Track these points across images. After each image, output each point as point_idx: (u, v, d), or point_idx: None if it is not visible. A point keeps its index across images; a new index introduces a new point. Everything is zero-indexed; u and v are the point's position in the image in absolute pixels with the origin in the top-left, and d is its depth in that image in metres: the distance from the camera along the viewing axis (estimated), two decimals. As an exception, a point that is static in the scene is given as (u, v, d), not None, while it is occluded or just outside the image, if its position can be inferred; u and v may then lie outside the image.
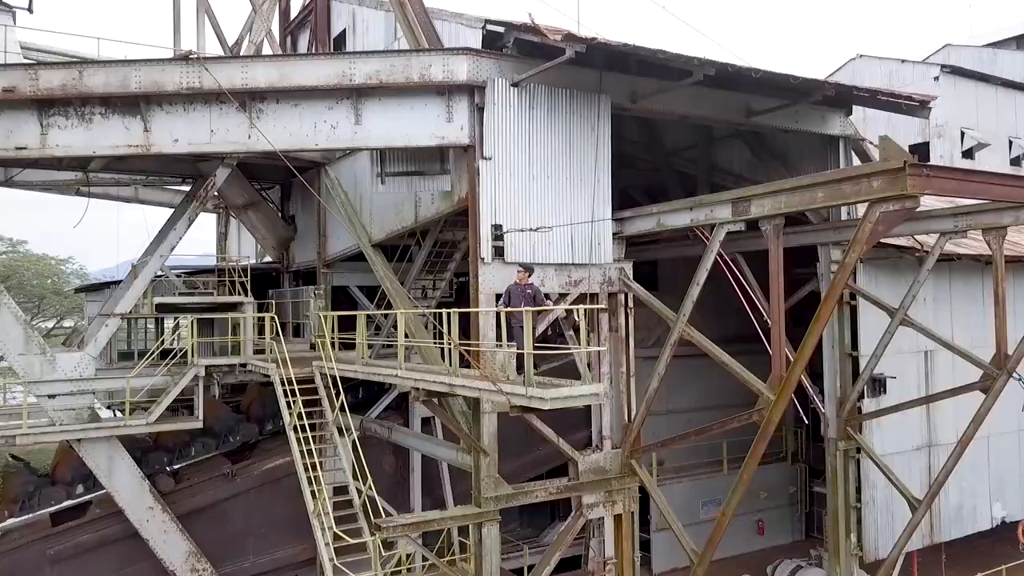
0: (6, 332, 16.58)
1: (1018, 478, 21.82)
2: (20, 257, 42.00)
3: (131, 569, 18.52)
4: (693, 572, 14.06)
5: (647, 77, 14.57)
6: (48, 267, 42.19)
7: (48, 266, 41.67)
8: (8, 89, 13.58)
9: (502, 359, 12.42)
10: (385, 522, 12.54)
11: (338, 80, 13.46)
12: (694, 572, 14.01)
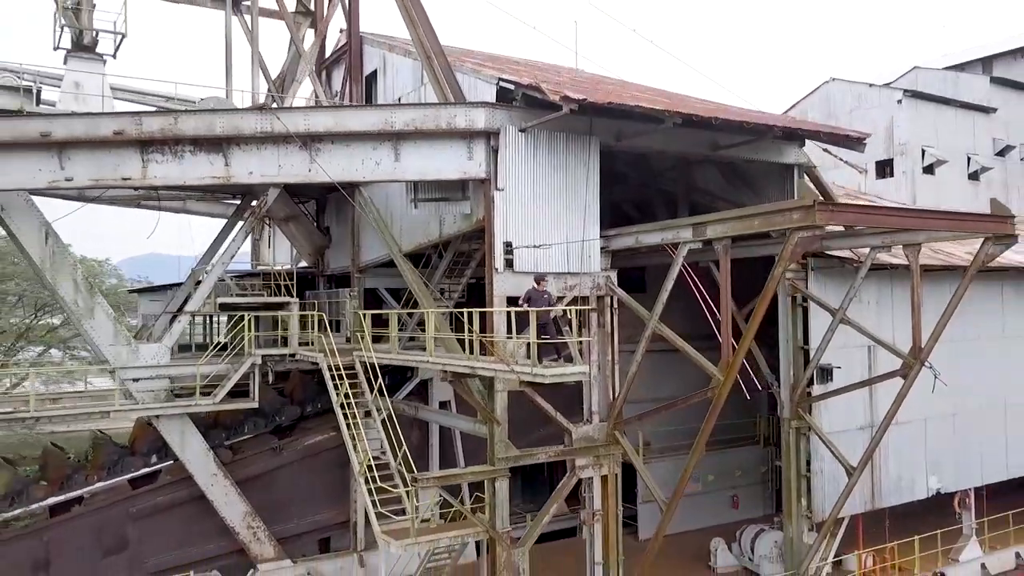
0: (100, 327, 20.09)
1: (952, 455, 25.28)
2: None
3: (197, 527, 22.02)
4: (664, 516, 17.52)
5: (629, 121, 18.01)
6: (90, 268, 45.39)
7: (90, 267, 44.93)
8: (118, 132, 17.08)
9: (512, 347, 15.94)
10: (421, 475, 16.06)
11: (381, 126, 16.97)
12: (664, 516, 17.47)
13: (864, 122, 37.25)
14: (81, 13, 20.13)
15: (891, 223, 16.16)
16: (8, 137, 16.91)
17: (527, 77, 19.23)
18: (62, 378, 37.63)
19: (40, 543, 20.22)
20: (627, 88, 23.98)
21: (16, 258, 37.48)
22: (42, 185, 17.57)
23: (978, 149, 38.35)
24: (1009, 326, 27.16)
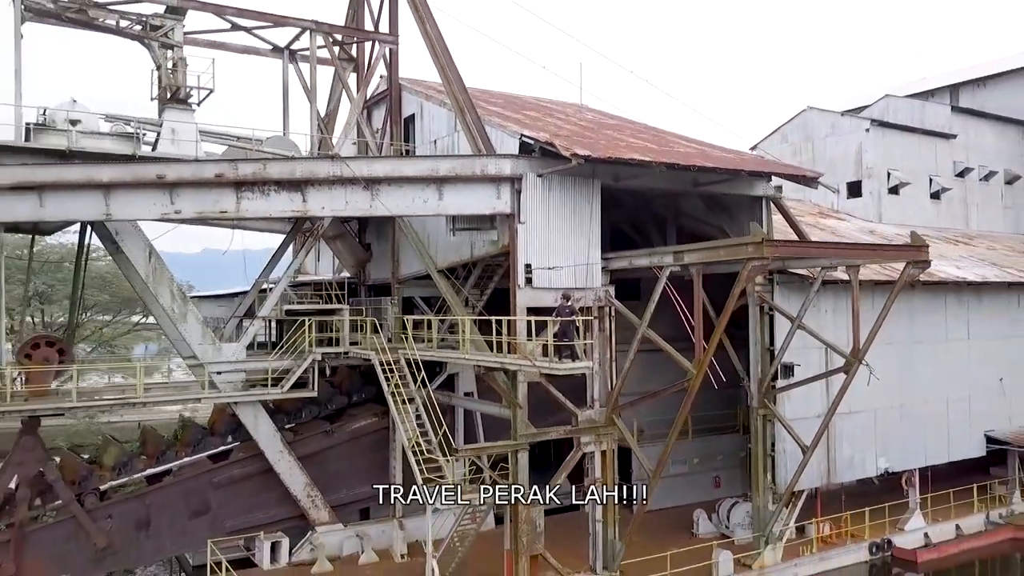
0: (191, 329, 24.62)
1: (899, 440, 29.76)
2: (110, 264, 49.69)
3: (266, 495, 26.51)
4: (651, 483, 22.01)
5: (624, 167, 22.46)
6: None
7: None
8: (218, 175, 21.55)
9: (531, 347, 20.43)
10: (460, 448, 20.54)
11: (429, 172, 21.47)
12: (651, 483, 21.96)
13: (837, 146, 41.87)
14: (177, 72, 24.55)
15: (823, 254, 20.70)
16: (130, 178, 21.39)
17: (542, 124, 23.77)
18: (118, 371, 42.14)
19: (142, 505, 24.71)
20: (624, 130, 28.46)
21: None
22: (155, 217, 22.04)
23: (939, 171, 42.85)
24: (951, 332, 31.67)
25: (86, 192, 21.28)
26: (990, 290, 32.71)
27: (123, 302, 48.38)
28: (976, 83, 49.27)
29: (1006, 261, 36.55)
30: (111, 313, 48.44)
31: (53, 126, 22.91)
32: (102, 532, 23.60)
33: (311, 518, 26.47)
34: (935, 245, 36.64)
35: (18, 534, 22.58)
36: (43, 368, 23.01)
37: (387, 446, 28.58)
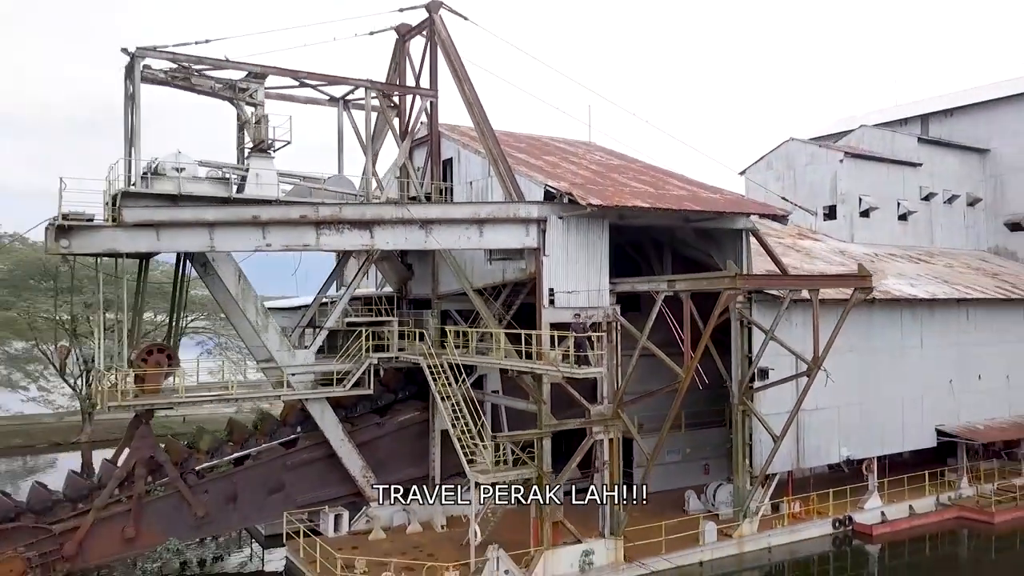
0: (271, 338, 29.96)
1: (859, 432, 35.08)
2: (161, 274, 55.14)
3: (329, 476, 31.80)
4: (648, 466, 27.37)
5: (628, 208, 27.79)
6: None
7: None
8: (303, 216, 26.86)
9: (554, 355, 25.78)
10: (498, 434, 25.91)
11: (472, 215, 26.84)
12: (648, 466, 27.33)
13: (815, 174, 47.23)
14: (261, 127, 29.78)
15: (786, 284, 26.09)
16: (231, 219, 26.71)
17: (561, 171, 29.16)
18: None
19: (230, 483, 30.06)
20: (628, 172, 33.84)
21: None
22: (249, 248, 27.36)
23: (907, 195, 48.23)
24: (906, 341, 37.03)
25: (194, 229, 26.59)
26: (941, 305, 38.07)
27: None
28: (944, 113, 54.59)
29: (958, 278, 41.91)
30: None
31: (164, 173, 28.18)
32: (201, 504, 28.97)
33: (366, 495, 31.82)
34: (898, 263, 42.14)
35: (136, 504, 27.93)
36: (157, 371, 28.36)
37: (427, 436, 33.97)
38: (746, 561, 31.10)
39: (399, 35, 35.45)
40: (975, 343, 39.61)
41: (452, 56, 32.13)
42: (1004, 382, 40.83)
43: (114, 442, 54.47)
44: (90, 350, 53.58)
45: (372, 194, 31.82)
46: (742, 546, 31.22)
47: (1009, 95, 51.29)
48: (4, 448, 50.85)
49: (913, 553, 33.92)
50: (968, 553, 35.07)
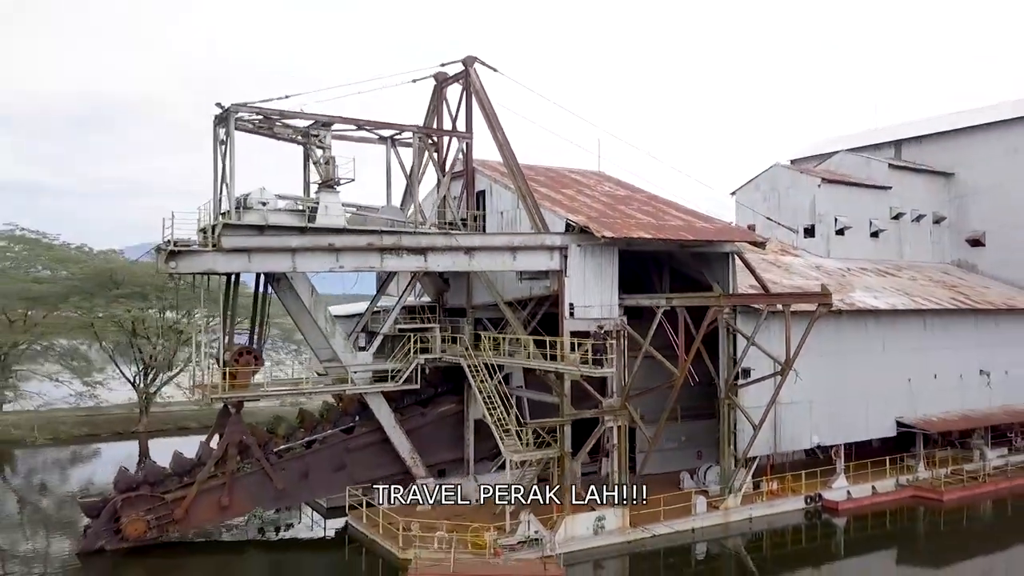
0: (338, 343, 36.13)
1: (828, 422, 41.27)
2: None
3: (382, 457, 37.94)
4: (648, 450, 33.62)
5: (635, 239, 33.99)
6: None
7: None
8: (369, 243, 33.06)
9: (574, 357, 31.99)
10: (530, 421, 32.16)
11: (507, 244, 33.07)
12: (649, 450, 33.58)
13: (797, 196, 53.44)
14: (330, 167, 35.86)
15: (763, 301, 32.30)
16: (310, 245, 32.88)
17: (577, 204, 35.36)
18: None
19: (303, 463, 36.27)
20: (632, 203, 40.06)
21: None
22: (324, 270, 33.57)
23: (878, 215, 54.46)
24: (871, 346, 43.24)
25: (280, 254, 32.84)
26: (901, 315, 44.29)
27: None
28: (915, 139, 60.80)
29: (919, 291, 48.14)
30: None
31: (251, 207, 34.30)
32: (280, 479, 35.19)
33: (414, 473, 37.96)
34: (866, 277, 48.39)
35: (230, 479, 34.13)
36: (248, 369, 34.56)
37: (462, 424, 40.18)
38: (731, 529, 37.30)
39: (437, 82, 41.53)
40: (931, 347, 45.86)
41: (485, 104, 38.32)
42: (958, 381, 47.09)
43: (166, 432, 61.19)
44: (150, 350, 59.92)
45: (418, 221, 37.99)
46: (727, 517, 37.41)
47: (970, 126, 57.54)
48: (78, 436, 56.88)
49: (874, 526, 40.02)
50: (921, 526, 41.23)
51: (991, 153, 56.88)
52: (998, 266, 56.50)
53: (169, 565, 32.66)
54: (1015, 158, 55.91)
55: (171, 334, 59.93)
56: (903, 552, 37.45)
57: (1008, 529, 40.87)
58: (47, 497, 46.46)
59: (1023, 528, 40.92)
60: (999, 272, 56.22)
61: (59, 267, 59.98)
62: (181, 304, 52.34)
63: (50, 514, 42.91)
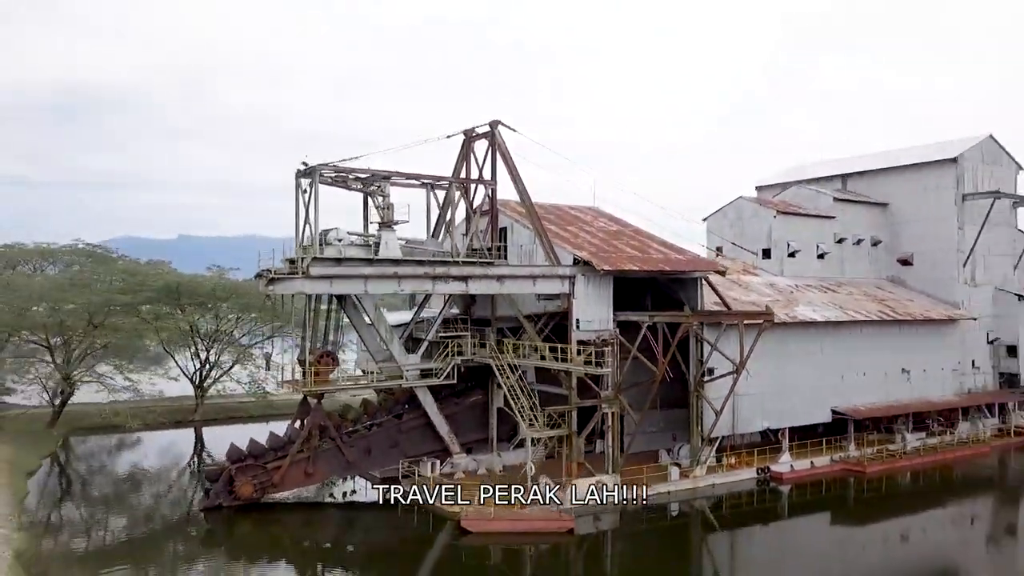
0: (395, 346, 46.44)
1: (777, 410, 52.20)
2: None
3: (426, 437, 48.25)
4: (634, 433, 44.37)
5: (626, 270, 44.59)
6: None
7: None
8: (425, 272, 43.38)
9: (580, 359, 42.62)
10: (548, 408, 42.77)
11: (528, 273, 43.67)
12: (634, 433, 44.33)
13: (757, 224, 64.35)
14: (389, 211, 46.00)
15: (722, 319, 43.12)
16: (379, 274, 43.12)
17: (581, 240, 46.01)
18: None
19: (367, 441, 46.56)
20: (622, 238, 50.70)
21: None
22: (388, 293, 43.93)
23: (824, 240, 65.52)
24: (811, 350, 54.21)
25: (355, 280, 43.03)
26: (836, 326, 55.30)
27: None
28: (857, 175, 71.97)
29: (852, 305, 59.21)
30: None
31: (330, 242, 44.39)
32: (351, 454, 45.45)
33: (451, 450, 48.35)
34: (811, 293, 59.38)
35: (313, 454, 44.33)
36: (328, 368, 44.79)
37: (487, 411, 50.67)
38: (698, 493, 48.02)
39: (466, 137, 51.71)
40: (862, 350, 56.97)
41: (508, 159, 48.70)
42: (883, 377, 58.25)
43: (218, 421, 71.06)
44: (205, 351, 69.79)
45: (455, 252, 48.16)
46: (695, 483, 48.15)
47: (898, 165, 68.85)
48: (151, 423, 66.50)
49: (811, 493, 50.86)
50: (849, 493, 52.19)
51: (914, 188, 68.17)
52: (923, 282, 67.82)
53: (269, 519, 42.85)
54: (930, 194, 67.29)
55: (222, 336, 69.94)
56: (834, 513, 48.27)
57: (919, 495, 51.87)
58: (165, 470, 56.39)
59: (931, 494, 51.95)
60: (924, 286, 67.54)
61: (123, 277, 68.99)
62: (243, 314, 62.56)
63: (172, 482, 53.03)
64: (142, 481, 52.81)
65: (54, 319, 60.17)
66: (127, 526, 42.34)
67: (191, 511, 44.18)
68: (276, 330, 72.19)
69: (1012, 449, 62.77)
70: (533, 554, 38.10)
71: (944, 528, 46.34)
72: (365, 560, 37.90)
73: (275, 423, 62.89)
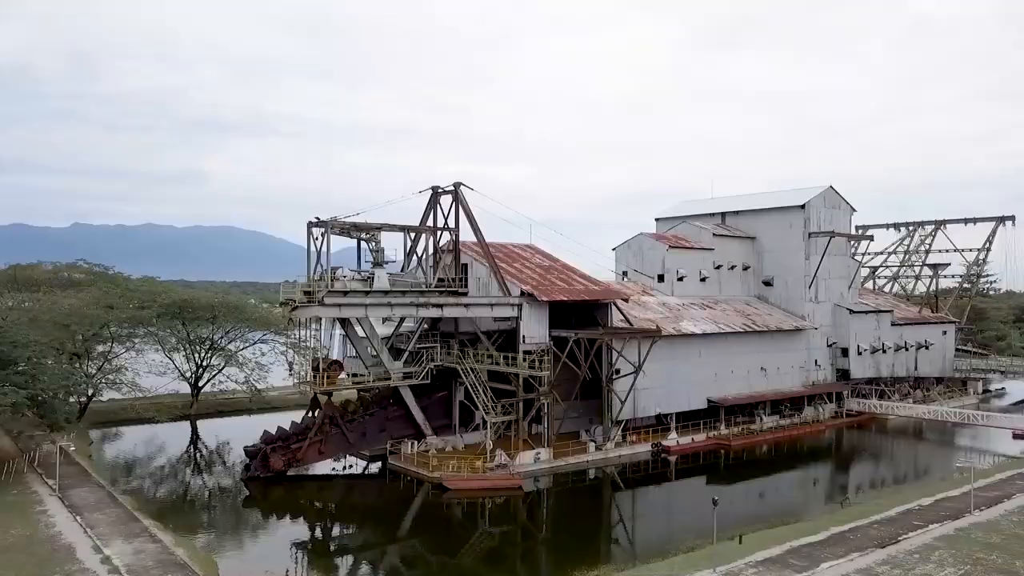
0: (385, 356, 61.66)
1: (667, 399, 70.04)
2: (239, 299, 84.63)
3: (407, 424, 63.58)
4: (562, 418, 61.29)
5: (558, 300, 61.19)
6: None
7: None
8: (411, 301, 58.86)
9: (525, 364, 59.04)
10: (501, 400, 59.01)
11: (488, 302, 59.82)
12: (563, 418, 61.24)
13: (653, 255, 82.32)
14: (380, 254, 60.95)
15: (626, 334, 60.30)
16: (376, 302, 58.36)
17: (525, 275, 62.42)
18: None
19: (362, 426, 61.56)
20: (552, 271, 67.37)
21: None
22: (383, 316, 59.28)
23: (705, 267, 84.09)
24: (691, 355, 72.32)
25: (357, 307, 58.17)
26: (710, 336, 73.58)
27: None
28: (733, 213, 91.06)
29: (724, 319, 77.76)
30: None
31: (338, 278, 59.22)
32: (352, 436, 60.46)
33: (425, 433, 63.88)
34: (693, 310, 77.73)
35: (324, 436, 59.14)
36: (336, 374, 59.64)
37: (450, 404, 66.49)
38: (608, 462, 65.07)
39: (433, 192, 67.14)
40: (731, 353, 75.56)
41: (468, 213, 64.43)
42: (746, 374, 77.07)
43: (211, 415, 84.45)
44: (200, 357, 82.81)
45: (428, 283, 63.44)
46: (607, 455, 65.21)
47: (765, 208, 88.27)
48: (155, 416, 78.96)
49: (692, 460, 68.79)
50: (720, 461, 70.42)
51: (774, 226, 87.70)
52: (780, 299, 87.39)
53: (294, 486, 57.48)
54: (786, 231, 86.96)
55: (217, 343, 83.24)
56: (709, 476, 66.16)
57: (772, 462, 70.49)
58: (206, 451, 69.70)
59: (782, 461, 70.62)
60: (781, 303, 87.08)
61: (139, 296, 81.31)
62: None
63: (214, 459, 66.74)
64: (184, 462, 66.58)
65: (94, 335, 72.26)
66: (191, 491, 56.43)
67: (237, 480, 58.37)
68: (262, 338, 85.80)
69: (844, 427, 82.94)
70: (492, 504, 54.31)
71: (791, 486, 64.89)
72: (371, 510, 53.19)
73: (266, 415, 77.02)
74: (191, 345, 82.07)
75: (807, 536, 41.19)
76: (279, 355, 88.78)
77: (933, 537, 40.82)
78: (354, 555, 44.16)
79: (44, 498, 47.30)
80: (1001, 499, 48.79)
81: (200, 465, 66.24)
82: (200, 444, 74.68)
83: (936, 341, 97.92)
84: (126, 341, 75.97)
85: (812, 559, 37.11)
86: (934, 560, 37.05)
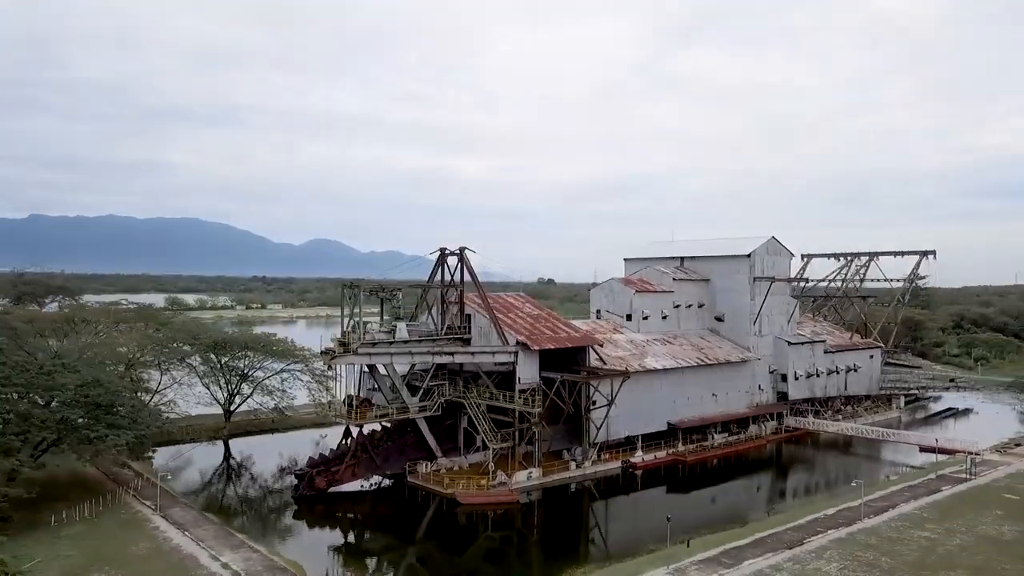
0: (405, 392, 75.36)
1: (634, 423, 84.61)
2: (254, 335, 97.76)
3: (420, 448, 77.25)
4: (550, 441, 75.61)
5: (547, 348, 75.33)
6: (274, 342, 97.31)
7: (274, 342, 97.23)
8: (428, 349, 72.66)
9: (520, 401, 73.26)
10: (501, 429, 73.11)
11: (491, 350, 73.79)
12: (550, 441, 75.55)
13: (623, 297, 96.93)
14: (400, 310, 74.27)
15: (602, 376, 74.73)
16: (399, 351, 72.05)
17: (519, 325, 76.56)
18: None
19: (387, 451, 75.17)
20: (541, 320, 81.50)
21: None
22: (406, 364, 72.98)
23: (666, 307, 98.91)
24: (655, 386, 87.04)
25: (383, 355, 71.81)
26: (670, 370, 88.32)
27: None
28: (690, 258, 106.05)
29: (681, 354, 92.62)
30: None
31: (368, 331, 72.58)
32: (379, 459, 74.04)
33: (437, 455, 77.62)
34: (656, 346, 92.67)
35: (357, 460, 72.65)
36: (367, 410, 73.13)
37: (456, 431, 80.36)
38: (587, 477, 79.40)
39: (441, 253, 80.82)
40: (686, 383, 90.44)
41: (472, 273, 78.22)
42: (700, 400, 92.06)
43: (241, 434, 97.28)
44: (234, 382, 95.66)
45: (439, 331, 77.05)
46: (585, 471, 79.51)
47: (717, 255, 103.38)
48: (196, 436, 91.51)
49: (655, 474, 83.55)
50: (678, 473, 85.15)
51: (725, 270, 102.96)
52: (730, 332, 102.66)
53: (334, 500, 70.88)
54: (735, 275, 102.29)
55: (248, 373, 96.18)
56: (669, 486, 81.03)
57: (721, 473, 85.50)
58: (254, 470, 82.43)
59: (730, 472, 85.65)
60: (730, 336, 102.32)
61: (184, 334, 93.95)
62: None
63: (268, 478, 79.58)
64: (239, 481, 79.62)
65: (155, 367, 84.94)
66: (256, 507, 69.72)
67: (286, 498, 71.64)
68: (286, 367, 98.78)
69: (783, 441, 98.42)
70: (493, 514, 68.32)
71: (738, 492, 79.82)
72: (397, 518, 66.88)
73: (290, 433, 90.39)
74: (226, 375, 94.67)
75: (737, 540, 55.83)
76: (296, 380, 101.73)
77: (829, 540, 55.73)
78: (386, 553, 58.01)
79: (150, 517, 60.23)
80: (887, 508, 64.02)
81: (253, 483, 79.23)
82: (247, 464, 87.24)
83: (863, 364, 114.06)
84: (170, 372, 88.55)
85: (738, 558, 51.70)
86: (825, 558, 51.90)
